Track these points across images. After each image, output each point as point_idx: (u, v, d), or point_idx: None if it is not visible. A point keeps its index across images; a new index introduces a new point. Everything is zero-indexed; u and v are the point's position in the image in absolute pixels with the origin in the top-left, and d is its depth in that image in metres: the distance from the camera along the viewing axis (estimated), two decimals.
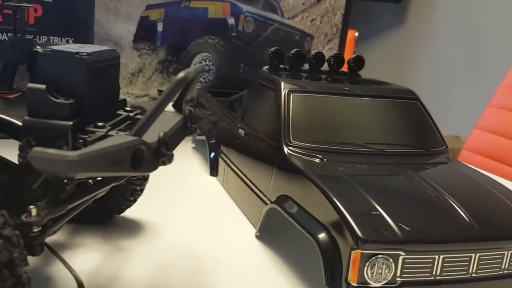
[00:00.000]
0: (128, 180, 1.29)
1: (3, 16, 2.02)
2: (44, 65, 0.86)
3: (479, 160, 2.69)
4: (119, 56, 1.02)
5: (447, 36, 2.84)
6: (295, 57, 1.78)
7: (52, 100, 0.83)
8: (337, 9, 2.89)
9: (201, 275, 1.19)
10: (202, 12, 2.47)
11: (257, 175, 1.49)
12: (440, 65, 2.67)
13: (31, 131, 0.83)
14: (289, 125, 1.38)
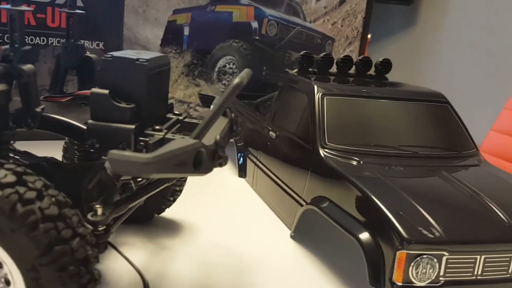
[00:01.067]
0: None
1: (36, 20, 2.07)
2: (105, 70, 0.90)
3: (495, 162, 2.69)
4: (170, 62, 1.06)
5: (458, 37, 2.85)
6: (324, 61, 1.80)
7: (115, 105, 0.87)
8: (358, 12, 2.91)
9: (243, 273, 1.23)
10: (227, 16, 2.51)
11: (290, 176, 1.53)
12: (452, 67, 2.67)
13: (95, 134, 0.87)
14: (324, 127, 1.41)
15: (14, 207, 0.66)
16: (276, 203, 1.63)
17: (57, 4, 2.07)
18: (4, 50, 0.87)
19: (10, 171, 0.70)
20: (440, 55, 2.93)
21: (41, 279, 0.68)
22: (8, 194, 0.67)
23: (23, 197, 0.68)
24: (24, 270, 0.68)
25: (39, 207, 0.68)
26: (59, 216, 0.70)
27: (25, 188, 0.69)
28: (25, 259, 0.68)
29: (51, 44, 2.11)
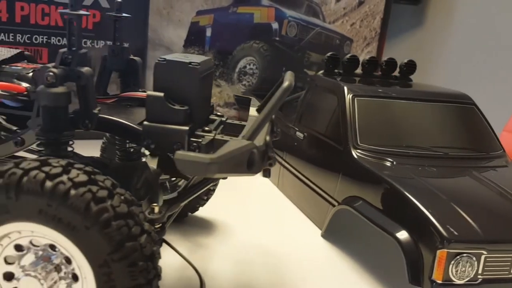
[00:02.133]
0: None
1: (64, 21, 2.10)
2: (159, 74, 0.92)
3: None
4: (214, 65, 1.08)
5: (466, 36, 2.86)
6: (350, 62, 1.83)
7: (170, 107, 0.90)
8: (376, 13, 2.93)
9: (281, 272, 1.26)
10: (248, 18, 2.54)
11: (320, 177, 1.55)
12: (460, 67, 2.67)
13: (150, 135, 0.90)
14: (356, 128, 1.44)
15: (89, 205, 0.69)
16: (304, 202, 1.66)
17: (84, 5, 2.11)
18: (63, 53, 0.90)
19: (81, 170, 0.73)
20: (448, 55, 2.94)
21: (112, 274, 0.71)
22: (82, 193, 0.70)
23: (96, 195, 0.71)
24: (96, 266, 0.71)
25: (111, 205, 0.71)
26: (129, 213, 0.73)
27: (97, 187, 0.72)
28: (98, 255, 0.71)
29: None
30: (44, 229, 0.72)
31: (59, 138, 0.87)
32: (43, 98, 0.84)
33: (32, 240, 0.76)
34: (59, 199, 0.69)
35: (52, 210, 0.69)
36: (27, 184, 0.69)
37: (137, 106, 1.13)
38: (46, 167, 0.72)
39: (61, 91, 0.85)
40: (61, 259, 0.76)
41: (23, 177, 0.70)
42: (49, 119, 0.85)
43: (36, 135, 0.88)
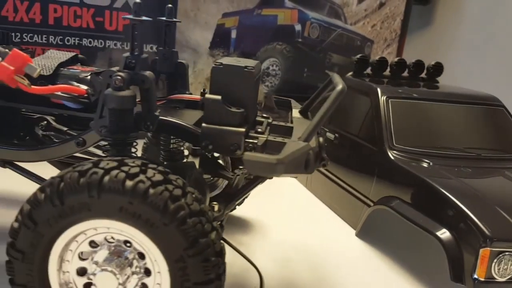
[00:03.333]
0: None
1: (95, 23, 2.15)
2: (216, 77, 0.96)
3: None
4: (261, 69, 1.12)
5: (475, 37, 2.88)
6: (379, 64, 1.86)
7: (227, 109, 0.94)
8: (397, 15, 2.96)
9: (319, 269, 1.29)
10: (272, 19, 2.57)
11: (354, 177, 1.58)
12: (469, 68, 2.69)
13: (209, 136, 0.93)
14: (391, 130, 1.47)
15: (166, 203, 0.73)
16: (336, 202, 1.69)
17: (115, 8, 2.15)
18: (126, 58, 0.94)
19: (156, 170, 0.77)
20: (457, 55, 2.96)
21: (187, 268, 0.75)
22: (160, 192, 0.74)
23: (172, 194, 0.74)
24: (172, 261, 0.75)
25: (186, 203, 0.75)
26: (201, 211, 0.77)
27: (172, 186, 0.76)
28: (174, 250, 0.74)
29: (108, 46, 2.19)
30: (121, 226, 0.76)
31: (125, 139, 0.91)
32: (111, 101, 0.88)
33: (106, 237, 0.80)
34: (139, 197, 0.73)
35: (133, 207, 0.73)
36: (108, 183, 0.73)
37: (184, 108, 1.17)
38: (125, 166, 0.75)
39: (128, 94, 0.88)
40: (134, 255, 0.80)
41: (105, 176, 0.73)
42: (116, 121, 0.89)
43: (103, 136, 0.92)
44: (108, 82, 0.92)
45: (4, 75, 0.87)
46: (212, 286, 0.76)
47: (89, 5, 2.10)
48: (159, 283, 0.79)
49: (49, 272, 0.79)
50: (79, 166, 0.77)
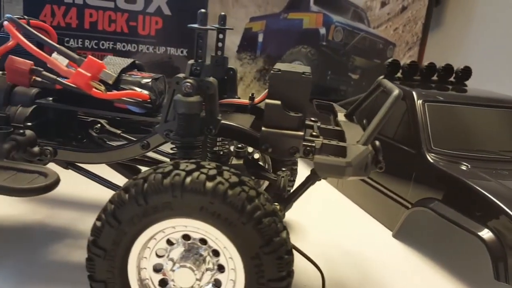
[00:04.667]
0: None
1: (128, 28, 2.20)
2: (275, 83, 1.00)
3: None
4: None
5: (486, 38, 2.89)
6: (410, 68, 1.89)
7: (287, 114, 0.98)
8: (418, 18, 2.99)
9: (361, 269, 1.33)
10: (298, 23, 2.62)
11: (390, 179, 1.62)
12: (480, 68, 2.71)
13: (268, 140, 0.98)
14: (429, 133, 1.50)
15: (244, 203, 0.77)
16: (370, 204, 1.72)
17: (148, 12, 2.20)
18: (191, 65, 0.98)
19: (231, 172, 0.81)
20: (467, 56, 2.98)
21: (262, 266, 0.79)
22: (238, 192, 0.78)
23: (248, 194, 0.79)
24: (248, 258, 0.79)
25: (261, 203, 0.79)
26: (274, 211, 0.81)
27: (247, 187, 0.80)
28: (250, 248, 0.78)
29: (141, 50, 2.24)
30: (199, 224, 0.80)
31: (193, 142, 0.96)
32: (181, 106, 0.92)
33: (183, 235, 0.84)
34: (220, 197, 0.77)
35: (213, 207, 0.77)
36: (190, 184, 0.77)
37: (234, 111, 1.21)
38: (203, 169, 0.80)
39: (197, 100, 0.93)
40: (208, 252, 0.84)
41: (187, 178, 0.78)
42: (185, 125, 0.93)
43: (171, 139, 0.96)
44: (174, 88, 0.97)
45: (82, 81, 0.92)
46: (285, 283, 0.80)
47: (123, 10, 2.15)
48: (233, 279, 0.83)
49: (128, 268, 0.84)
50: (160, 168, 0.81)
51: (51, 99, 1.10)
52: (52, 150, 1.04)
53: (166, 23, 2.25)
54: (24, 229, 1.31)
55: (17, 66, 0.98)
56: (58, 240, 1.27)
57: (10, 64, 0.97)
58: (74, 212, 1.42)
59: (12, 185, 0.84)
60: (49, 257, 1.19)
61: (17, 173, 0.89)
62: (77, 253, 1.22)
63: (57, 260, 1.18)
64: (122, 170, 1.21)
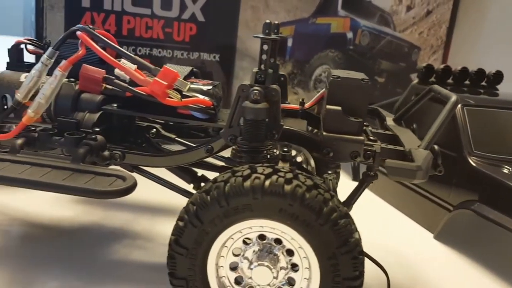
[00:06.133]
0: None
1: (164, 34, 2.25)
2: (334, 89, 1.04)
3: None
4: None
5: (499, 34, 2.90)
6: (443, 72, 1.92)
7: (348, 119, 1.02)
8: (443, 22, 3.02)
9: (408, 270, 1.36)
10: (326, 28, 2.66)
11: (431, 182, 1.63)
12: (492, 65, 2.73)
13: (330, 144, 1.01)
14: (469, 137, 1.53)
15: (321, 205, 0.81)
16: (408, 206, 1.75)
17: (183, 19, 2.26)
18: (256, 73, 1.03)
19: (305, 176, 0.86)
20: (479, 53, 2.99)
21: (338, 265, 0.83)
22: (316, 195, 0.82)
23: (325, 197, 0.83)
24: (324, 258, 0.83)
25: (336, 205, 0.83)
26: (347, 213, 0.85)
27: (323, 190, 0.84)
28: (327, 248, 0.83)
29: (176, 56, 2.29)
30: (275, 225, 0.84)
31: (259, 147, 1.00)
32: (249, 113, 0.97)
33: (259, 235, 0.88)
34: (298, 200, 0.81)
35: (292, 209, 0.81)
36: (270, 187, 0.82)
37: (285, 116, 1.25)
38: (280, 172, 0.84)
39: (264, 106, 0.97)
40: (282, 251, 0.88)
41: (266, 181, 0.82)
42: (253, 130, 0.98)
43: (238, 144, 1.01)
44: (239, 95, 1.01)
45: (159, 90, 0.97)
46: (358, 281, 0.84)
47: (159, 16, 2.20)
48: (307, 277, 0.87)
49: (207, 267, 0.88)
50: (238, 172, 0.85)
51: (115, 106, 1.15)
52: (121, 154, 1.08)
53: (200, 29, 2.30)
54: (83, 230, 1.37)
55: (91, 74, 1.03)
56: (117, 240, 1.32)
57: (85, 72, 1.02)
58: (127, 213, 1.48)
59: (96, 188, 0.89)
60: (112, 256, 1.24)
61: (95, 176, 0.94)
62: (137, 253, 1.27)
63: (120, 260, 1.23)
64: (179, 173, 1.25)
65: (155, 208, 1.54)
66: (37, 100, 1.03)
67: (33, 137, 1.05)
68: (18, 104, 1.08)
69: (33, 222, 1.37)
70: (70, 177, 0.92)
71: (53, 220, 1.40)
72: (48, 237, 1.30)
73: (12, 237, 1.29)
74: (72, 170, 0.94)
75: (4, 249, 1.22)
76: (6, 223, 1.36)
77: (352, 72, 1.13)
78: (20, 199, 1.49)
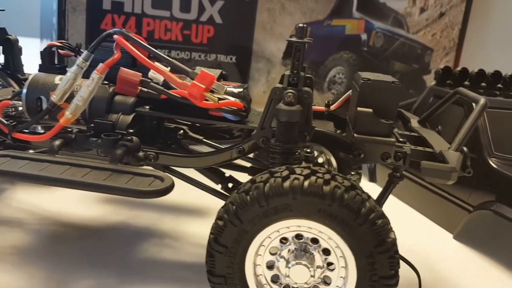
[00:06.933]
0: None
1: (182, 36, 2.28)
2: (365, 92, 1.06)
3: None
4: None
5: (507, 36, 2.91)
6: (461, 74, 1.94)
7: (379, 121, 1.04)
8: (455, 24, 3.03)
9: (429, 270, 1.38)
10: (340, 30, 2.68)
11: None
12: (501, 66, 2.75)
13: (361, 146, 1.03)
14: (489, 138, 1.55)
15: (360, 206, 0.84)
16: (427, 206, 1.77)
17: (201, 21, 2.28)
18: (289, 76, 1.05)
19: (341, 176, 0.88)
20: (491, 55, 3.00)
21: (375, 264, 0.85)
22: (354, 195, 0.84)
23: (362, 197, 0.85)
24: (362, 257, 0.85)
25: (374, 206, 0.85)
26: (383, 213, 0.87)
27: (359, 190, 0.86)
28: (365, 248, 0.85)
29: (193, 58, 2.32)
30: (312, 224, 0.87)
31: (293, 148, 1.02)
32: (283, 115, 0.99)
33: (296, 234, 0.90)
34: (338, 200, 0.83)
35: (331, 209, 0.84)
36: (309, 188, 0.84)
37: None
38: (318, 173, 0.86)
39: (298, 109, 1.00)
40: (318, 250, 0.90)
41: (305, 182, 0.84)
42: (286, 132, 1.00)
43: (270, 145, 1.03)
44: (272, 98, 1.04)
45: (198, 93, 0.99)
46: (394, 280, 0.87)
47: (178, 19, 2.23)
48: (343, 276, 0.89)
49: (246, 265, 0.90)
50: (276, 173, 0.88)
51: (147, 108, 1.17)
52: (154, 155, 1.11)
53: (217, 31, 2.32)
54: (111, 229, 1.39)
55: (129, 77, 1.05)
56: (145, 239, 1.34)
57: (123, 75, 1.04)
58: (152, 213, 1.50)
59: (138, 188, 0.91)
60: (142, 255, 1.27)
61: (134, 176, 0.96)
62: (166, 251, 1.29)
63: (150, 258, 1.26)
64: (208, 173, 1.28)
65: (179, 208, 1.56)
66: (75, 102, 1.06)
67: (70, 138, 1.08)
68: (53, 106, 1.11)
69: (63, 221, 1.40)
70: (110, 177, 0.94)
71: (81, 219, 1.42)
72: (79, 237, 1.32)
73: (44, 236, 1.31)
74: (111, 170, 0.97)
75: (37, 248, 1.24)
76: (35, 222, 1.39)
77: (381, 75, 1.15)
78: (46, 199, 1.52)
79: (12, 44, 1.46)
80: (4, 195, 1.54)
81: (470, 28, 3.15)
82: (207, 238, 0.91)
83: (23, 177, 0.94)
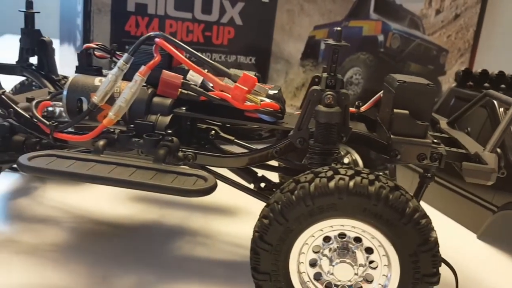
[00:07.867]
0: None
1: (204, 37, 2.31)
2: (401, 94, 1.08)
3: None
4: None
5: None
6: (481, 76, 1.96)
7: (415, 123, 1.06)
8: (470, 26, 3.05)
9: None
10: (358, 31, 2.70)
11: (475, 184, 1.68)
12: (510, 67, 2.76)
13: (398, 147, 1.06)
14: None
15: (404, 205, 0.86)
16: (451, 207, 1.79)
17: (222, 23, 2.31)
18: (326, 78, 1.07)
19: (384, 177, 0.90)
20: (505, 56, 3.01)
21: (419, 262, 0.87)
22: (399, 196, 0.87)
23: (406, 197, 0.87)
24: (405, 255, 0.88)
25: (417, 206, 0.88)
26: (425, 213, 0.89)
27: (403, 191, 0.89)
28: (409, 246, 0.87)
29: (214, 59, 2.34)
30: (356, 224, 0.89)
31: (331, 149, 1.04)
32: (323, 116, 1.01)
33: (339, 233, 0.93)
34: (383, 200, 0.86)
35: (376, 209, 0.86)
36: (355, 188, 0.86)
37: None
38: (362, 174, 0.89)
39: (337, 110, 1.02)
40: (360, 249, 0.93)
41: (350, 182, 0.87)
42: (326, 133, 1.03)
43: (309, 146, 1.05)
44: (310, 99, 1.06)
45: (241, 95, 1.01)
46: (436, 278, 0.89)
47: (200, 20, 2.26)
48: (385, 274, 0.92)
49: (290, 262, 0.93)
50: (321, 173, 0.90)
51: (184, 109, 1.20)
52: (193, 155, 1.13)
53: (238, 33, 2.35)
54: (145, 227, 1.42)
55: (171, 80, 1.08)
56: (178, 237, 1.37)
57: (165, 78, 1.07)
58: (182, 211, 1.53)
59: (183, 187, 0.94)
60: (177, 252, 1.30)
61: (178, 175, 0.99)
62: (199, 249, 1.32)
63: (185, 255, 1.29)
64: (241, 173, 1.30)
65: (207, 207, 1.59)
66: (118, 103, 1.08)
67: (113, 138, 1.10)
68: (94, 107, 1.13)
69: (96, 219, 1.43)
70: (156, 177, 0.97)
71: (114, 218, 1.45)
72: (114, 234, 1.35)
73: (80, 234, 1.34)
74: (155, 170, 0.99)
75: (75, 245, 1.28)
76: (70, 220, 1.42)
77: (414, 77, 1.17)
78: (76, 197, 1.55)
79: (46, 45, 1.49)
80: (36, 193, 1.57)
81: (484, 29, 3.17)
82: (236, 235, 0.94)
83: (72, 176, 0.97)
